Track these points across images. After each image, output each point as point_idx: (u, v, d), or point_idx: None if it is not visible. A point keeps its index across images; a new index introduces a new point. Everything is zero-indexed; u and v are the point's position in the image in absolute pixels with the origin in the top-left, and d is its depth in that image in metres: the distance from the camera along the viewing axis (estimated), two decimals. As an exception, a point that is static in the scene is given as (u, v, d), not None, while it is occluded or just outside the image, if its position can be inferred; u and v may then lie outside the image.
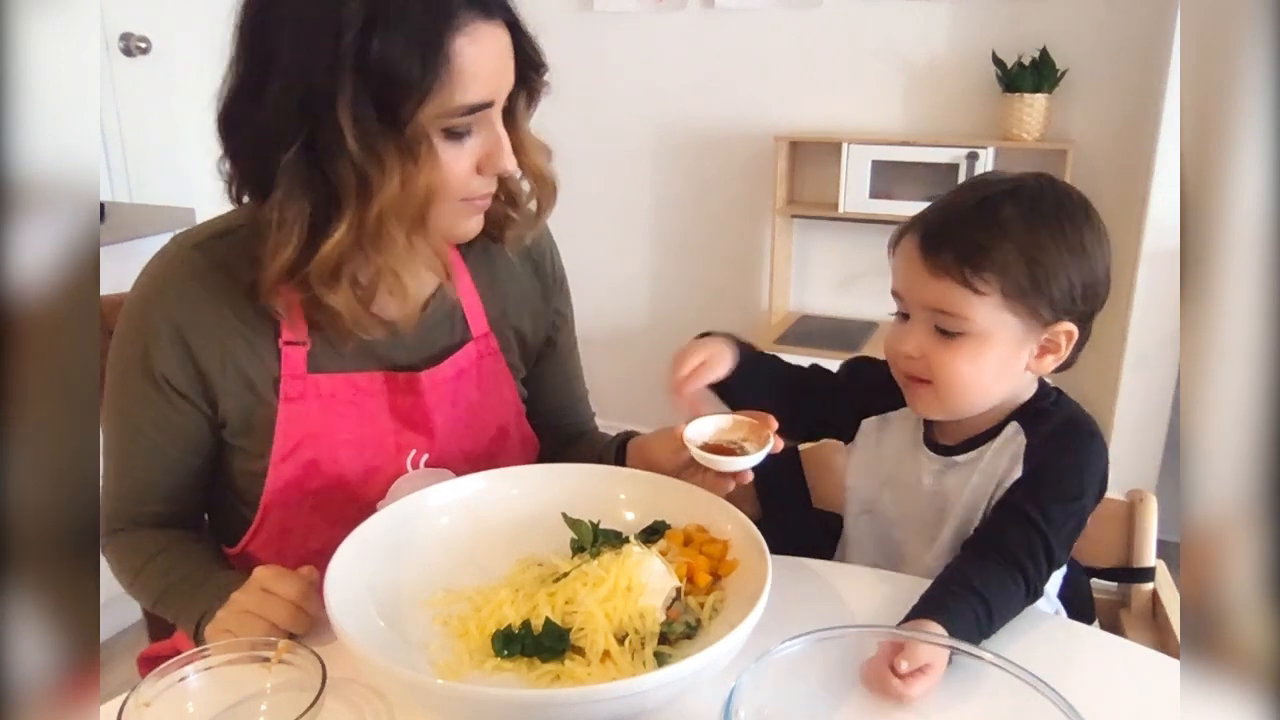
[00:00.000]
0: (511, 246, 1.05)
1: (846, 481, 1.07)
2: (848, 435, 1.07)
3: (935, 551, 0.98)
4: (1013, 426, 0.95)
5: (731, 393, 1.00)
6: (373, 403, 0.98)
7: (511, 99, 0.90)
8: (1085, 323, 0.92)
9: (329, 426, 0.96)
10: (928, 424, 1.01)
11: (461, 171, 0.86)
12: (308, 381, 0.95)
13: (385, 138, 0.81)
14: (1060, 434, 0.93)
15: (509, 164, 0.88)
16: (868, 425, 1.05)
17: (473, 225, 0.93)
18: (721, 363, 0.97)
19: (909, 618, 0.81)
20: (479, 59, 0.82)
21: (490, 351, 1.06)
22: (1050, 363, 0.92)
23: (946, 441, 0.99)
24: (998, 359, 0.90)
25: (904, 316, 0.94)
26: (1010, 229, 0.86)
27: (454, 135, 0.85)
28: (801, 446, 1.17)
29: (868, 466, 1.04)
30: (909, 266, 0.91)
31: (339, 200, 0.83)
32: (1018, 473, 0.92)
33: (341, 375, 0.97)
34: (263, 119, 0.82)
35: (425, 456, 1.01)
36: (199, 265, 0.92)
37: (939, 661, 0.74)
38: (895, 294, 0.94)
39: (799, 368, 1.08)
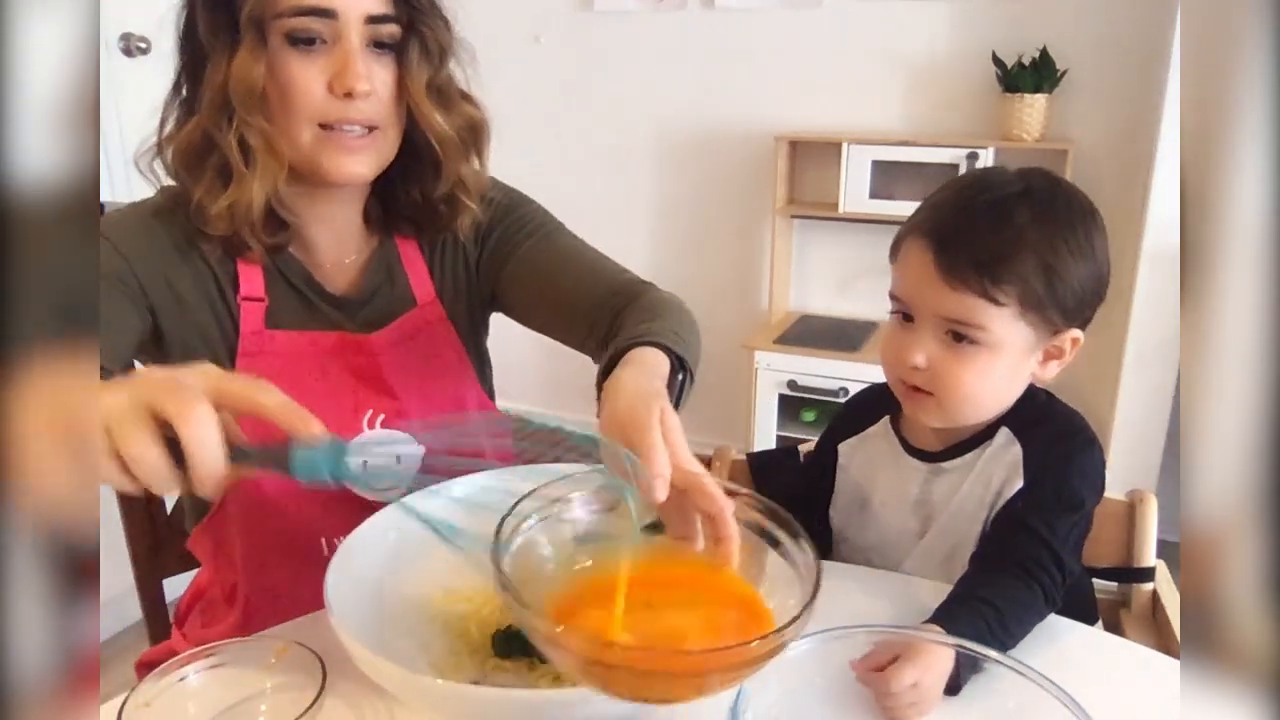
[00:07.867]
0: (464, 231, 1.04)
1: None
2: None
3: (923, 561, 0.97)
4: (1004, 433, 0.93)
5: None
6: (331, 363, 0.98)
7: (403, 43, 0.91)
8: (1087, 324, 0.91)
9: (283, 384, 0.95)
10: (903, 436, 0.99)
11: (310, 86, 0.88)
12: (264, 337, 0.95)
13: (224, 26, 0.87)
14: (1058, 443, 0.91)
15: (354, 83, 0.87)
16: (844, 450, 1.03)
17: (347, 165, 0.91)
18: None
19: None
20: None
21: (437, 318, 1.05)
22: (1054, 369, 0.91)
23: (930, 448, 0.97)
24: (1007, 369, 0.88)
25: (905, 319, 0.90)
26: (1027, 236, 0.84)
27: (298, 43, 0.87)
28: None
29: (845, 492, 1.02)
30: (921, 275, 0.87)
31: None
32: (1018, 483, 0.91)
33: (299, 332, 0.97)
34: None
35: (381, 418, 1.00)
36: (159, 205, 0.95)
37: (925, 659, 0.70)
38: (897, 298, 0.91)
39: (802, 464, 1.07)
